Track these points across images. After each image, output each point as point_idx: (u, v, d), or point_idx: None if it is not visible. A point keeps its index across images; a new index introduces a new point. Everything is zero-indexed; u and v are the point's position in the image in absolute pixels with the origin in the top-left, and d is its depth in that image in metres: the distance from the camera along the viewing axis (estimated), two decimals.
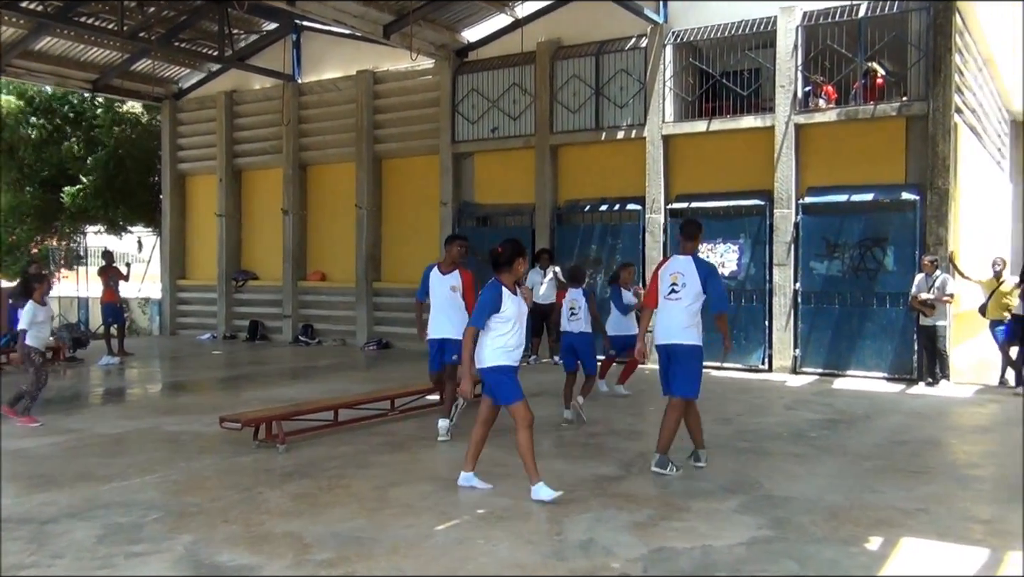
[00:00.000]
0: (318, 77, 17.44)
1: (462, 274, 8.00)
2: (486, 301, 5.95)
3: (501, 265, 6.06)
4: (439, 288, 8.00)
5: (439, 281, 8.01)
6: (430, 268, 8.17)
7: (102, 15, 15.73)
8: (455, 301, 7.89)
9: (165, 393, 11.62)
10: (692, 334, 6.51)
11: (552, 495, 5.73)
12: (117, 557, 4.74)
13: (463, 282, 7.95)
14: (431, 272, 8.11)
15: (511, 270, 6.05)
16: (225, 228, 18.47)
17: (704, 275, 6.54)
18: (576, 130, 14.44)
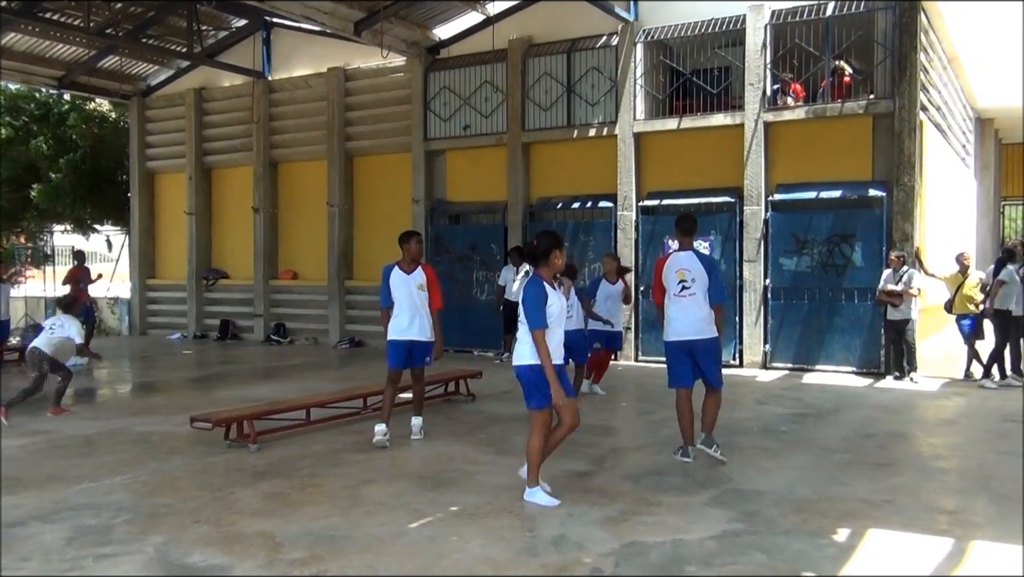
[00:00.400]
0: (289, 74, 17.33)
1: (425, 270, 7.75)
2: (537, 298, 5.59)
3: (538, 259, 5.77)
4: (404, 288, 7.61)
5: (403, 281, 7.63)
6: (389, 269, 7.73)
7: (68, 11, 15.53)
8: (423, 300, 7.64)
9: (135, 394, 11.51)
10: (713, 327, 6.79)
11: (550, 502, 5.58)
12: (86, 559, 4.70)
13: (428, 278, 7.70)
14: (392, 273, 7.69)
15: (548, 263, 5.75)
16: (195, 226, 18.31)
17: (709, 268, 6.81)
18: (548, 128, 14.48)
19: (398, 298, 7.63)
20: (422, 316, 7.63)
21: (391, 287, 7.65)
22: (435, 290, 7.72)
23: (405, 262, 7.71)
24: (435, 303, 7.71)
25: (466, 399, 9.92)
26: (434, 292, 7.70)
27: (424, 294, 7.64)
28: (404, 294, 7.62)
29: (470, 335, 14.66)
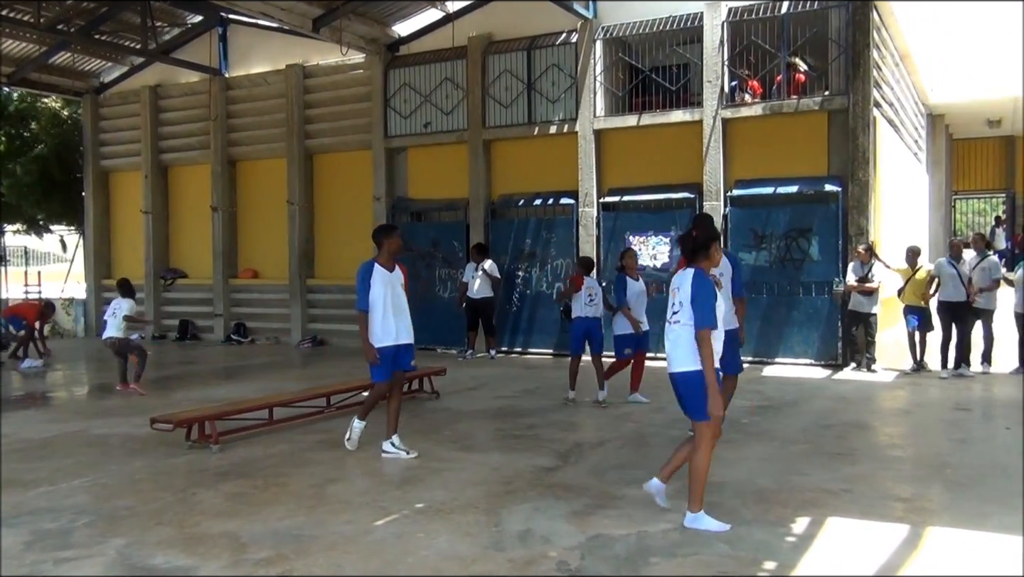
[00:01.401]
0: (246, 71, 17.13)
1: (401, 268, 7.15)
2: (708, 294, 4.98)
3: (697, 252, 5.12)
4: (387, 287, 6.94)
5: (386, 279, 6.94)
6: (369, 267, 6.95)
7: (17, 6, 15.18)
8: (404, 300, 7.09)
9: (93, 395, 11.32)
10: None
11: (720, 527, 4.97)
12: (46, 564, 4.63)
13: (403, 277, 7.14)
14: (373, 271, 6.93)
15: (708, 256, 5.13)
16: (152, 226, 18.03)
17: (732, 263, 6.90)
18: (509, 125, 14.50)
19: (380, 298, 6.91)
20: (406, 316, 7.09)
21: (371, 286, 6.91)
22: (406, 287, 7.22)
23: (384, 258, 7.02)
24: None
25: (430, 396, 9.91)
26: (406, 289, 7.20)
27: (403, 293, 7.11)
28: (388, 294, 6.94)
29: (433, 332, 14.61)
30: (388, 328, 6.94)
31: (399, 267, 7.13)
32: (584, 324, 9.34)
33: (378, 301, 6.93)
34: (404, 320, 7.08)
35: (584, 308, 9.35)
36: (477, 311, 13.58)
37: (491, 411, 9.21)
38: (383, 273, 6.96)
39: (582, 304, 9.35)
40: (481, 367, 12.65)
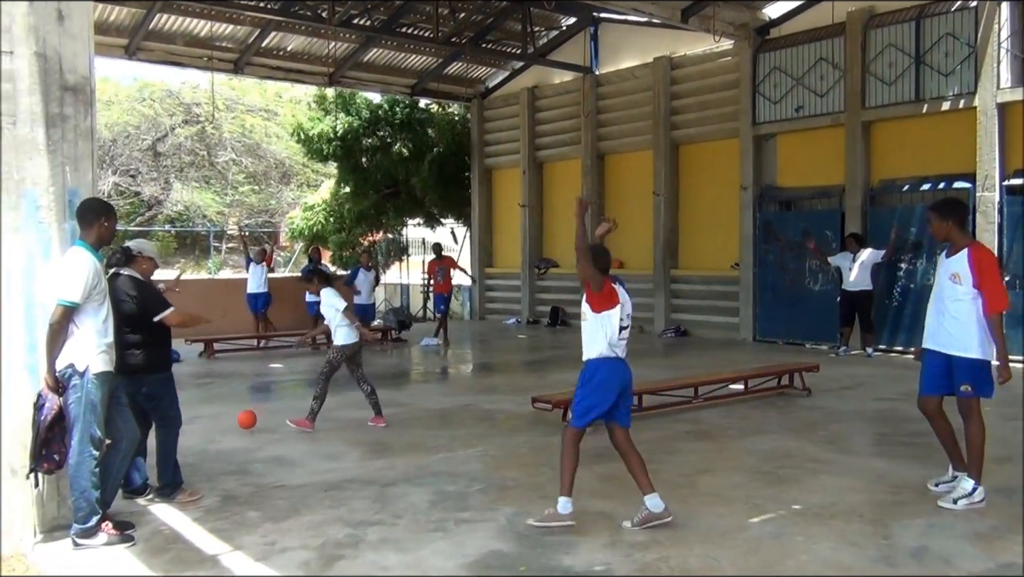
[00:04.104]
0: (615, 67, 17.65)
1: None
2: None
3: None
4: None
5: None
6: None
7: (419, 24, 17.15)
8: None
9: (478, 373, 12.42)
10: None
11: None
12: (448, 522, 5.15)
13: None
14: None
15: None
16: (528, 218, 19.35)
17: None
18: (892, 104, 13.31)
19: None
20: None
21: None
22: None
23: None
24: None
25: (801, 393, 9.46)
26: None
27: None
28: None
29: (802, 327, 13.96)
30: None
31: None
32: None
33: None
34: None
35: None
36: (854, 305, 12.68)
37: (870, 413, 8.56)
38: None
39: None
40: (857, 365, 11.81)
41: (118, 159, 32.29)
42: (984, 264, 5.35)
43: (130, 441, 5.11)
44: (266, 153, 34.91)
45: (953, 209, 5.62)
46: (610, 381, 5.19)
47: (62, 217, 4.95)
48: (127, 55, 16.17)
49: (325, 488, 5.89)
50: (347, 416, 8.55)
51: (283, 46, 17.57)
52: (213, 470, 6.37)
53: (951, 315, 5.42)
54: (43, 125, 4.90)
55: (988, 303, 5.29)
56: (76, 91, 5.03)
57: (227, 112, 33.77)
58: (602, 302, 5.16)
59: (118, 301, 5.20)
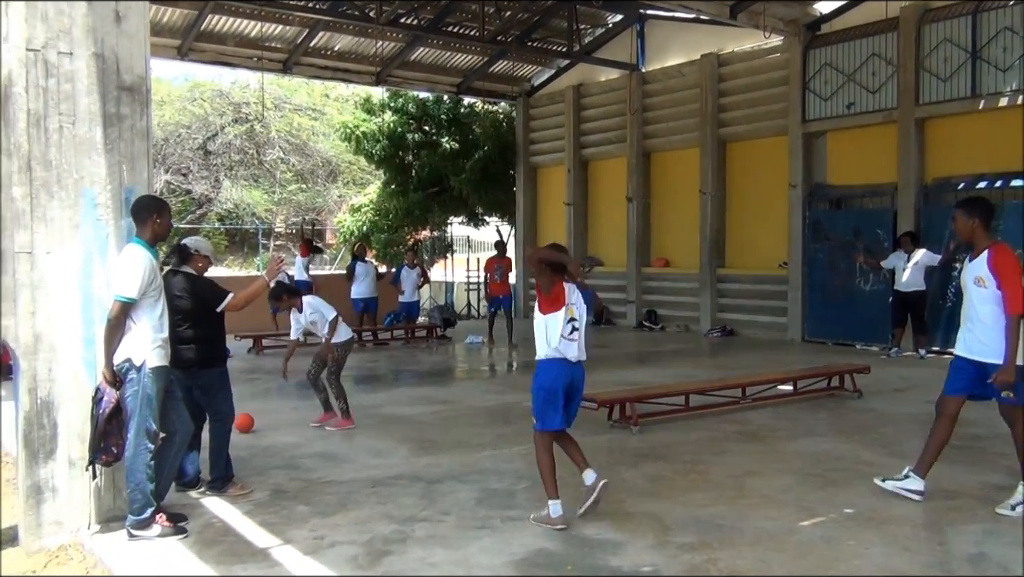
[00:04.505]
0: (662, 64, 17.51)
1: None
2: None
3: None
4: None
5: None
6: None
7: (465, 23, 17.20)
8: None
9: (523, 371, 12.39)
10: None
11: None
12: (495, 519, 5.16)
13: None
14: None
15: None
16: (573, 217, 19.30)
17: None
18: (947, 100, 13.01)
19: None
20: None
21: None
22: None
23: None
24: None
25: (852, 395, 9.29)
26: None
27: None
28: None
29: (853, 327, 13.73)
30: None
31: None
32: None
33: None
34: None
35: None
36: (906, 305, 12.42)
37: (923, 416, 8.32)
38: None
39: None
40: (908, 367, 11.57)
41: (170, 158, 32.94)
42: (1003, 265, 5.18)
43: (184, 434, 5.20)
44: (313, 151, 35.32)
45: (980, 208, 5.40)
46: (555, 382, 5.17)
47: (119, 215, 5.06)
48: (179, 56, 16.46)
49: (372, 484, 5.95)
50: (394, 413, 8.62)
51: (331, 46, 17.74)
52: (263, 465, 6.47)
53: (980, 320, 5.26)
54: (101, 124, 5.01)
55: (1007, 304, 5.11)
56: (132, 91, 5.14)
57: (275, 111, 34.24)
58: (549, 304, 5.13)
59: (173, 297, 5.30)
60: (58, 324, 4.88)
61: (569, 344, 5.13)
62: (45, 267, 4.85)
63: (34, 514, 4.84)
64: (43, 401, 4.85)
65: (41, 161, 4.83)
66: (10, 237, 4.75)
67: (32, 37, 4.80)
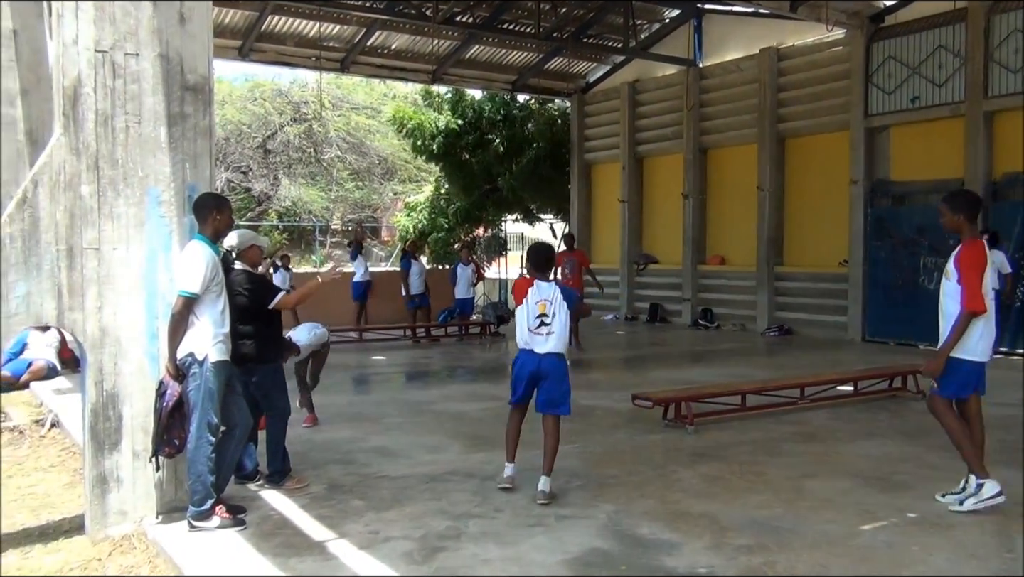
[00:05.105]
0: (719, 59, 17.29)
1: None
2: None
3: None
4: None
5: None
6: None
7: (521, 20, 17.19)
8: None
9: (576, 369, 12.31)
10: None
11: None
12: (548, 517, 5.14)
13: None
14: None
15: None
16: (627, 214, 19.17)
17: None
18: (1018, 92, 12.59)
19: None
20: None
21: None
22: None
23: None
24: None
25: (914, 396, 9.05)
26: None
27: None
28: None
29: (916, 327, 13.38)
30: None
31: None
32: None
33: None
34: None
35: None
36: None
37: (990, 419, 7.95)
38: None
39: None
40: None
41: (231, 156, 33.63)
42: (965, 260, 5.16)
43: (243, 428, 5.29)
44: (370, 149, 35.71)
45: (965, 202, 5.36)
46: (520, 370, 5.67)
47: (182, 212, 5.17)
48: (240, 56, 16.79)
49: (427, 480, 5.98)
50: (448, 409, 8.67)
51: (388, 44, 17.91)
52: (319, 459, 6.55)
53: (948, 314, 5.26)
54: (165, 124, 5.13)
55: (962, 299, 5.11)
56: (196, 90, 5.24)
57: (333, 110, 34.70)
58: (516, 297, 5.70)
59: (232, 294, 5.39)
60: (123, 319, 5.00)
61: (535, 337, 5.56)
62: (111, 263, 4.97)
63: (99, 504, 4.98)
64: (108, 393, 4.98)
65: (108, 160, 4.96)
66: (79, 234, 4.89)
67: (100, 39, 4.92)
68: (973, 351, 5.18)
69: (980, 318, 5.12)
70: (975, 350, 5.18)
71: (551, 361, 5.57)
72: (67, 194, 4.85)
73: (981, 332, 5.17)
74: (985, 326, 5.18)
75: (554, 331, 5.52)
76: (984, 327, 5.17)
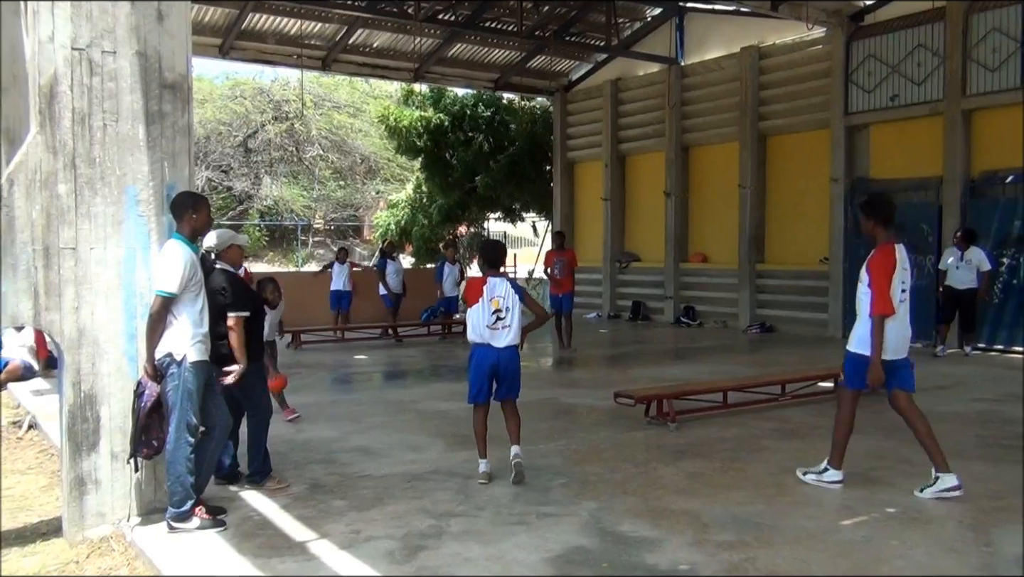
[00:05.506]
0: (701, 58, 17.34)
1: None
2: None
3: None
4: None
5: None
6: None
7: (503, 18, 17.18)
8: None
9: (559, 367, 12.38)
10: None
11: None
12: (531, 516, 5.14)
13: None
14: None
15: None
16: (610, 212, 19.20)
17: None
18: (995, 91, 12.71)
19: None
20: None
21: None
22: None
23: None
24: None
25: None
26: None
27: None
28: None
29: None
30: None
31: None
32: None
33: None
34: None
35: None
36: (958, 303, 12.07)
37: (969, 415, 8.20)
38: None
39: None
40: (953, 364, 11.35)
41: (211, 155, 33.44)
42: (875, 266, 5.42)
43: (223, 428, 5.26)
44: (352, 148, 35.61)
45: (878, 208, 5.62)
46: (480, 365, 5.87)
47: (160, 211, 5.13)
48: (221, 54, 16.68)
49: (409, 479, 5.97)
50: (431, 408, 8.65)
51: (369, 43, 17.85)
52: (300, 459, 6.52)
53: (860, 314, 5.54)
54: (143, 122, 5.08)
55: (871, 304, 5.37)
56: (174, 89, 5.20)
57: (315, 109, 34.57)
58: (469, 298, 5.90)
59: (211, 294, 5.34)
60: (101, 319, 4.96)
61: (493, 332, 5.78)
62: (89, 263, 4.93)
63: (77, 506, 4.94)
64: (86, 395, 4.94)
65: (85, 158, 4.92)
66: (55, 233, 4.84)
67: (77, 36, 4.87)
68: (883, 349, 5.40)
69: (890, 318, 5.36)
70: (884, 348, 5.39)
71: (509, 354, 5.86)
72: (43, 193, 4.81)
73: (892, 331, 5.40)
74: (896, 326, 5.42)
75: (509, 325, 5.79)
76: (895, 327, 5.40)
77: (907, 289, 5.59)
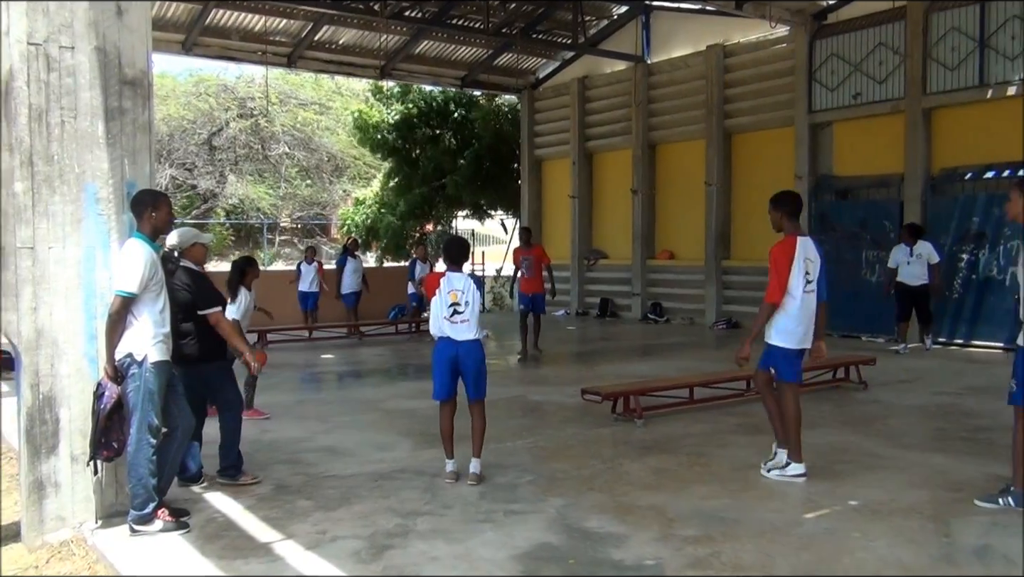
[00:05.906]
0: (667, 56, 17.44)
1: None
2: None
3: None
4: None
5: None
6: None
7: (470, 15, 17.15)
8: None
9: (527, 365, 12.37)
10: None
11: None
12: (498, 513, 5.14)
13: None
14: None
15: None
16: (577, 209, 19.26)
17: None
18: (954, 89, 12.93)
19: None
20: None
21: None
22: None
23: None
24: None
25: (857, 387, 9.25)
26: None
27: None
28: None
29: (858, 319, 13.68)
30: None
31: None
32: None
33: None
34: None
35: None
36: (912, 299, 12.24)
37: (930, 408, 8.34)
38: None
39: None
40: (914, 359, 11.53)
41: (175, 153, 32.99)
42: (775, 255, 5.84)
43: (185, 429, 5.20)
44: (319, 146, 35.34)
45: (785, 201, 6.02)
46: (440, 358, 5.84)
47: (121, 209, 5.05)
48: (184, 50, 16.46)
49: (375, 478, 5.94)
50: (398, 407, 8.62)
51: (335, 39, 17.72)
52: (266, 459, 6.46)
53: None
54: (102, 119, 5.00)
55: (766, 291, 5.82)
56: (134, 85, 5.12)
57: (280, 106, 34.26)
58: (428, 290, 5.92)
59: (173, 291, 5.28)
60: (60, 319, 4.87)
61: (451, 325, 5.76)
62: (47, 262, 4.84)
63: (36, 510, 4.85)
64: (45, 396, 4.85)
65: (43, 156, 4.82)
66: (12, 232, 4.74)
67: (33, 31, 4.78)
68: (787, 339, 5.84)
69: (792, 308, 5.73)
70: (787, 337, 5.83)
71: (468, 347, 5.81)
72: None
73: (798, 321, 5.78)
74: (802, 316, 5.77)
75: (467, 318, 5.76)
76: (801, 317, 5.77)
77: (813, 281, 5.85)
